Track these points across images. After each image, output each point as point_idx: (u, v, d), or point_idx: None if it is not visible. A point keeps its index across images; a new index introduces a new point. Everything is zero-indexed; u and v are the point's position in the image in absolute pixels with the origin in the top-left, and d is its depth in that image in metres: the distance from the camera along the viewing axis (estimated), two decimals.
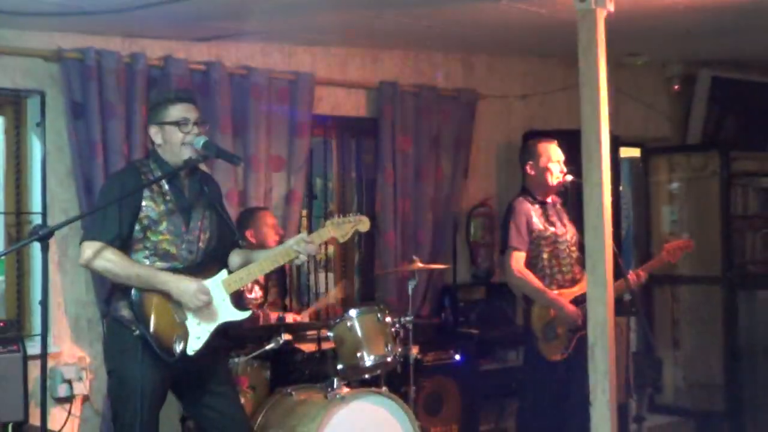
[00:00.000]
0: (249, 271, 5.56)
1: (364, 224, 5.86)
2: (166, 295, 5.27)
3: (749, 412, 9.36)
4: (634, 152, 10.23)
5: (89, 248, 5.25)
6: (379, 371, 6.65)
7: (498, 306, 8.31)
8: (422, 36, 7.93)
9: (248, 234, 6.87)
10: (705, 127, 10.31)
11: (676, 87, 10.25)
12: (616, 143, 8.51)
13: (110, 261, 5.21)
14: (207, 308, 5.33)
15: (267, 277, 6.61)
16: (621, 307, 6.63)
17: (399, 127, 8.31)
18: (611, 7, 5.86)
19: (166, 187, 5.40)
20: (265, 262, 5.58)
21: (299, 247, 5.53)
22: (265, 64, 7.71)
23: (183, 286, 5.27)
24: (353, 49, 8.25)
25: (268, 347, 6.55)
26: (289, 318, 7.23)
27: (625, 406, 7.14)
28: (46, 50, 6.80)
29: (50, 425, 5.90)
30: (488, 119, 9.01)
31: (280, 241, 7.07)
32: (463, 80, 8.85)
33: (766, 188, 10.79)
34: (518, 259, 6.78)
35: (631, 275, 6.83)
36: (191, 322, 5.32)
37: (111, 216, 5.26)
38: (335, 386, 6.31)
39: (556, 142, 7.00)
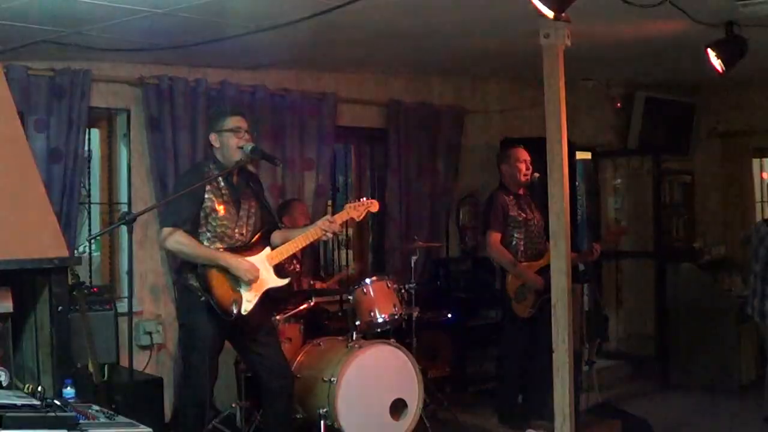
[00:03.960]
0: (287, 247, 5.56)
1: (374, 206, 5.82)
2: (225, 269, 5.27)
3: (673, 356, 9.39)
4: (587, 155, 10.18)
5: (165, 232, 5.28)
6: (388, 326, 6.63)
7: (481, 275, 8.27)
8: (422, 64, 7.93)
9: (285, 219, 6.82)
10: (641, 136, 10.27)
11: (619, 104, 10.21)
12: (572, 148, 8.43)
13: (180, 243, 5.25)
14: (256, 279, 5.33)
15: (303, 253, 6.56)
16: (577, 276, 6.58)
17: (403, 136, 8.29)
18: (568, 43, 5.82)
19: (223, 183, 5.40)
20: (299, 239, 5.57)
21: (325, 226, 5.53)
22: (299, 86, 7.68)
23: (239, 264, 5.29)
24: (368, 74, 8.22)
25: (302, 308, 6.55)
26: (318, 285, 7.24)
27: (579, 353, 7.07)
28: (131, 78, 6.82)
29: (135, 366, 5.91)
30: (473, 129, 8.98)
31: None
32: (454, 99, 8.81)
33: (687, 183, 10.82)
34: (496, 238, 6.76)
35: (587, 252, 6.85)
36: (244, 289, 5.33)
37: (181, 206, 5.27)
38: (354, 338, 6.31)
39: (522, 147, 6.97)
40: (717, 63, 6.33)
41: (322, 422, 6.02)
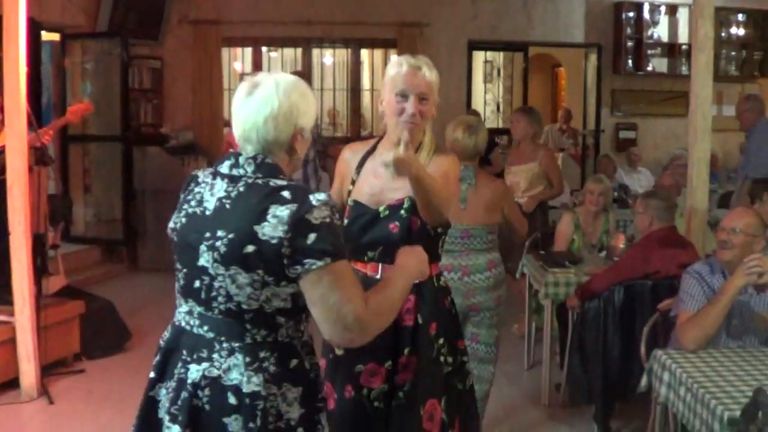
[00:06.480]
0: None
1: None
2: None
3: (141, 239, 9.84)
4: (55, 36, 9.98)
5: None
6: None
7: None
8: None
9: None
10: (112, 19, 10.26)
11: None
12: (37, 28, 8.28)
13: None
14: None
15: None
16: (38, 157, 6.49)
17: None
18: None
19: None
20: None
21: None
22: None
23: None
24: None
25: None
26: None
27: (43, 236, 7.04)
28: None
29: None
30: None
31: None
32: None
33: (156, 68, 11.01)
34: None
35: (41, 132, 6.73)
36: None
37: None
38: None
39: None
40: None
41: None
